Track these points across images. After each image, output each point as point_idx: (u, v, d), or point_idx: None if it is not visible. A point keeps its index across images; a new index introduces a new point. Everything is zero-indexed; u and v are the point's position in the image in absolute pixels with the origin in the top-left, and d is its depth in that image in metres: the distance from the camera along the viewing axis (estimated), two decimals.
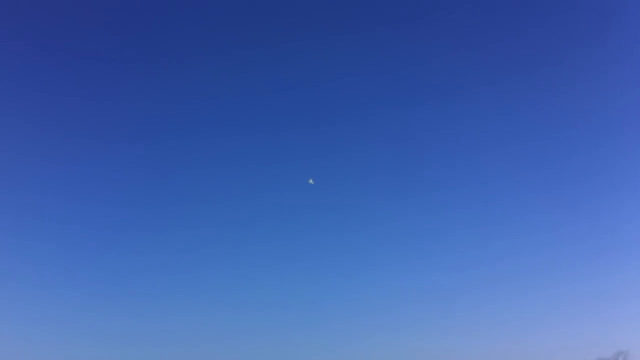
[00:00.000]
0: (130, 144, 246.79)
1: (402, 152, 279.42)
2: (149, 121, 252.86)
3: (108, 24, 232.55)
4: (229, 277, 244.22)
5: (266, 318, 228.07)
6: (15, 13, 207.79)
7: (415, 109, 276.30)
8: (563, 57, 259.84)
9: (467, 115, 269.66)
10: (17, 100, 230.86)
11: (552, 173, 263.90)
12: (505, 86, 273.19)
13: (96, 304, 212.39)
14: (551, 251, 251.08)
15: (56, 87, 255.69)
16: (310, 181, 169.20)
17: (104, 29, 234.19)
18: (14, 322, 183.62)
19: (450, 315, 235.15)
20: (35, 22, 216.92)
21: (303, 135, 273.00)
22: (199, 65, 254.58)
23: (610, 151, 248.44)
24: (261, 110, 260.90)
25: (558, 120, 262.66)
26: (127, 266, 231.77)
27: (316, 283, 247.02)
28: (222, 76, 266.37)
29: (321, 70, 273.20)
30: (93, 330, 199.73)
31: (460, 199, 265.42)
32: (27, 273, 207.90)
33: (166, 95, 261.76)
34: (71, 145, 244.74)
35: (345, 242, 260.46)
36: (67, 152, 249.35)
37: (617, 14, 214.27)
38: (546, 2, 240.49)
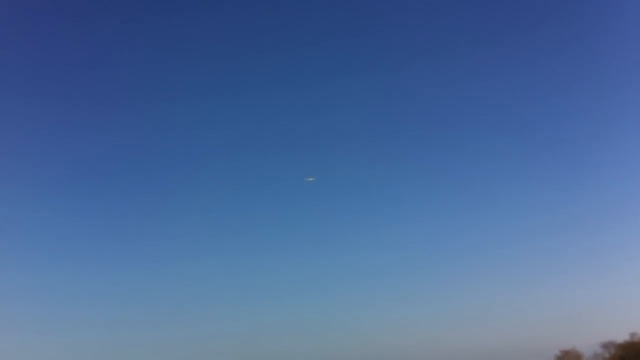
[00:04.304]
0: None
1: (401, 111, 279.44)
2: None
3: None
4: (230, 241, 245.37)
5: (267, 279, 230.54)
6: None
7: (406, 70, 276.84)
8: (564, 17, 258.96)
9: (464, 74, 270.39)
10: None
11: (552, 135, 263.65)
12: (499, 47, 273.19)
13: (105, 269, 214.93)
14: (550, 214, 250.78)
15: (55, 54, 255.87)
16: (310, 179, 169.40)
17: None
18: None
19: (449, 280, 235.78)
20: None
21: (293, 96, 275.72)
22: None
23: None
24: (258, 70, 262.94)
25: (559, 79, 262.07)
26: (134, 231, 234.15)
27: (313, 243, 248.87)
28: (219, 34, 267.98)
29: (311, 32, 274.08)
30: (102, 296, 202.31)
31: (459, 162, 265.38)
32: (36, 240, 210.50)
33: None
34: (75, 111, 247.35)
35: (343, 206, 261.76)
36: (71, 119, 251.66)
37: None
38: None
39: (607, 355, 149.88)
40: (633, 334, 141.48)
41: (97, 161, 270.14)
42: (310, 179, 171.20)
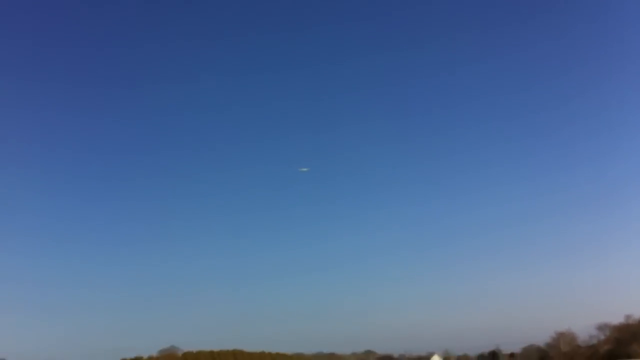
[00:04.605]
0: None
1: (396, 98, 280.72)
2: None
3: None
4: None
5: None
6: None
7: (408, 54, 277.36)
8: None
9: (459, 62, 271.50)
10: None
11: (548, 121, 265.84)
12: (494, 32, 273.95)
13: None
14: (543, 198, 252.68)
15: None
16: (304, 169, 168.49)
17: None
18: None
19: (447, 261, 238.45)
20: None
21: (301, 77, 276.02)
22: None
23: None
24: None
25: (559, 61, 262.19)
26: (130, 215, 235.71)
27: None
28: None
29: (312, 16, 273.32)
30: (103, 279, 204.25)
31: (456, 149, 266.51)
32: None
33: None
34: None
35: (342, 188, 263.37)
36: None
37: None
38: None
39: (602, 337, 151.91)
40: (628, 316, 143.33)
41: (94, 144, 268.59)
42: (304, 170, 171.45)
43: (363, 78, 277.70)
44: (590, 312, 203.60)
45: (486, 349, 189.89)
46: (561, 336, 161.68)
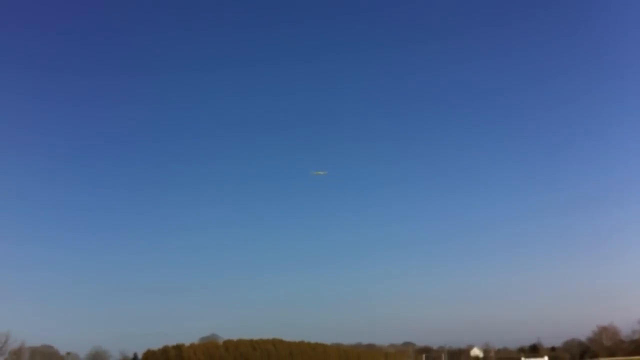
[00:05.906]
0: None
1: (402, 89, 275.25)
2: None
3: None
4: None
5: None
6: None
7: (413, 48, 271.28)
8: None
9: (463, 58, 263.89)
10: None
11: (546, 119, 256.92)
12: (498, 28, 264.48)
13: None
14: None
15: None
16: (320, 173, 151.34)
17: None
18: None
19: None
20: None
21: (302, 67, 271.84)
22: None
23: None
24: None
25: (564, 58, 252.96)
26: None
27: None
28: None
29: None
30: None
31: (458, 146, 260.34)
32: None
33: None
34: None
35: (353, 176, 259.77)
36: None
37: None
38: None
39: None
40: None
41: (98, 131, 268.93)
42: (320, 173, 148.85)
43: (366, 73, 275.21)
44: (634, 307, 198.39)
45: (527, 342, 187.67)
46: (603, 330, 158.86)
